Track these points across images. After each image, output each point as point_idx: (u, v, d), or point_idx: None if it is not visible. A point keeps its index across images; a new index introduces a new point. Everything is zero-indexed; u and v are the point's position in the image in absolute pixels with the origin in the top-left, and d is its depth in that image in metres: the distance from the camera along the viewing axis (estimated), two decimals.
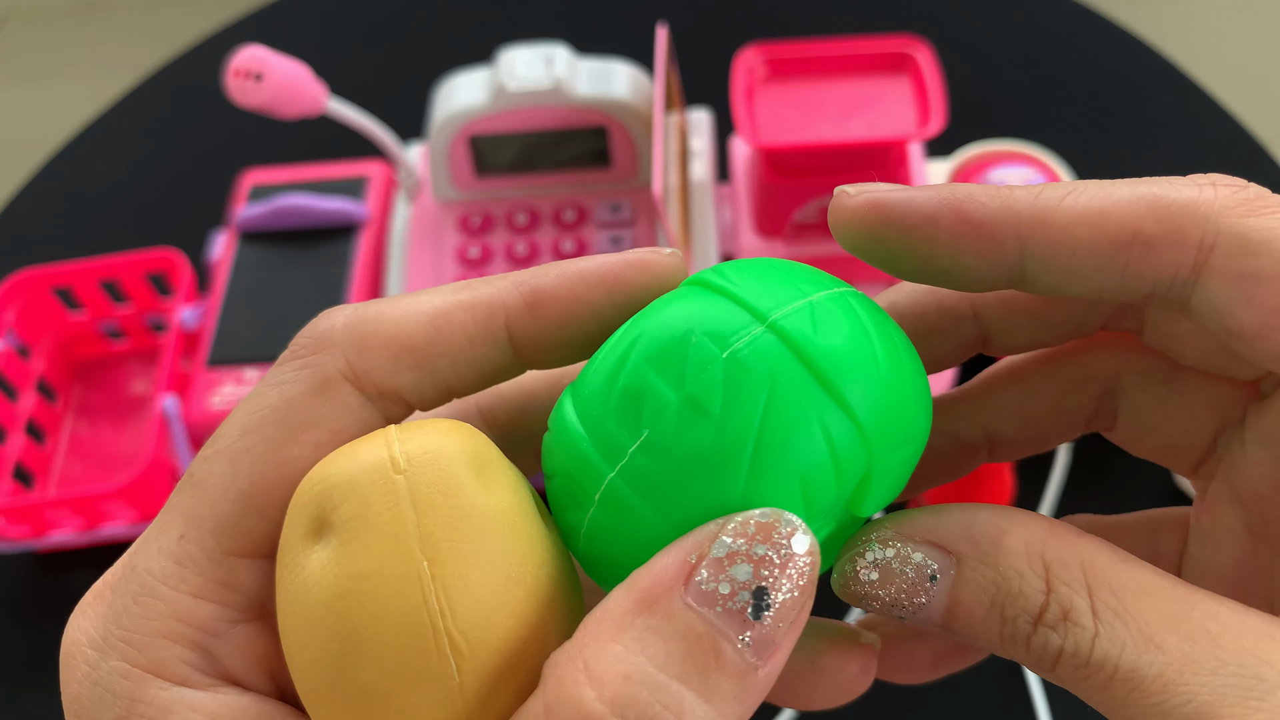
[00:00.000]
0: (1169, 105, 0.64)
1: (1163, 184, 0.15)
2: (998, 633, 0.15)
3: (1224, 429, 0.18)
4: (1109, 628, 0.14)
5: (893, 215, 0.16)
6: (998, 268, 0.15)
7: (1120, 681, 0.13)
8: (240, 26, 0.78)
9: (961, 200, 0.15)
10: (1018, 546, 0.15)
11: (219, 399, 0.50)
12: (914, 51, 0.50)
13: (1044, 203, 0.15)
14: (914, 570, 0.15)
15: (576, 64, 0.51)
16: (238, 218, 0.56)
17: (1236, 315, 0.14)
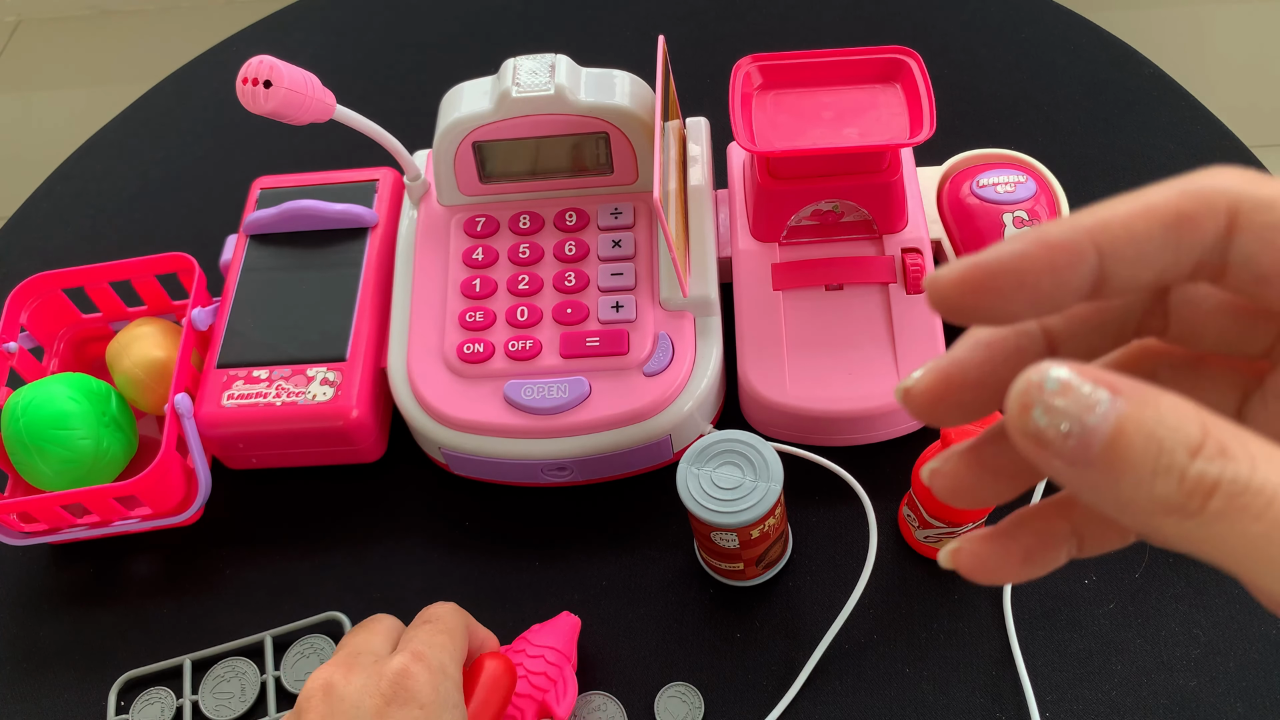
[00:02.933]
0: (1157, 112, 0.65)
1: (1181, 180, 0.18)
2: (1152, 464, 0.16)
3: (1245, 399, 0.21)
4: (1265, 463, 0.16)
5: (994, 269, 0.19)
6: (1085, 274, 0.18)
7: (1274, 514, 0.15)
8: (250, 35, 0.79)
9: (1041, 234, 0.19)
10: (1178, 401, 0.16)
11: (229, 398, 0.51)
12: (906, 61, 0.51)
13: (1101, 215, 0.18)
14: (1090, 389, 0.16)
15: (578, 72, 0.53)
16: (249, 222, 0.58)
17: (1263, 259, 0.18)
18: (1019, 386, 0.17)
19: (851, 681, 0.46)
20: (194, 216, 0.67)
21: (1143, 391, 0.16)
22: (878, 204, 0.52)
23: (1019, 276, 0.18)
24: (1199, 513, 0.15)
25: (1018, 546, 0.21)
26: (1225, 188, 0.18)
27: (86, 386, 0.52)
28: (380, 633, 0.39)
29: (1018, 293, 0.18)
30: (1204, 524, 0.16)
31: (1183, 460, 0.16)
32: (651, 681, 0.47)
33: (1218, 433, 0.16)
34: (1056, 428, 0.16)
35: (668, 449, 0.51)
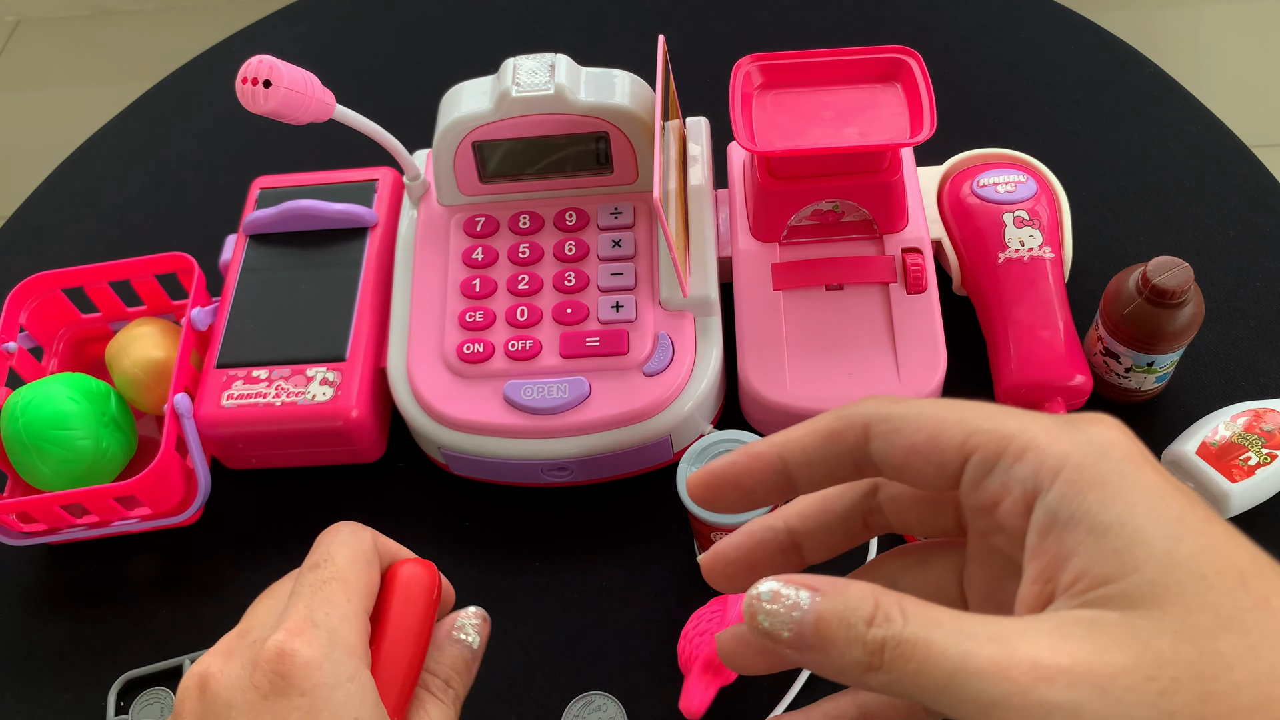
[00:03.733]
0: (1157, 112, 0.65)
1: (847, 407, 0.25)
2: (846, 637, 0.21)
3: (962, 571, 0.27)
4: (913, 621, 0.21)
5: (717, 474, 0.26)
6: (776, 474, 0.26)
7: (922, 648, 0.20)
8: (249, 35, 0.79)
9: (747, 448, 0.26)
10: (857, 586, 0.22)
11: (229, 398, 0.51)
12: (906, 61, 0.51)
13: (786, 436, 0.26)
14: (794, 593, 0.22)
15: (578, 72, 0.53)
16: (248, 221, 0.58)
17: (890, 455, 0.24)
18: (746, 600, 0.22)
19: None
20: (194, 216, 0.67)
21: (833, 584, 0.22)
22: (878, 204, 0.52)
23: (733, 478, 0.26)
24: (881, 666, 0.21)
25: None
26: (862, 411, 0.25)
27: (86, 387, 0.52)
28: (282, 595, 0.34)
29: (733, 489, 0.26)
30: (886, 673, 0.21)
31: (863, 630, 0.21)
32: (651, 682, 0.47)
33: (885, 604, 0.21)
34: (777, 627, 0.22)
35: (668, 449, 0.51)
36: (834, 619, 0.21)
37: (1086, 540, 0.21)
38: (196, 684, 0.31)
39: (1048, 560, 0.21)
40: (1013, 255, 0.53)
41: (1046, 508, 0.22)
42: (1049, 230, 0.54)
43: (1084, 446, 0.22)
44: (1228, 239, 0.59)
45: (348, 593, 0.33)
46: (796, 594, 0.22)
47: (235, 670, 0.31)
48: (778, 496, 0.26)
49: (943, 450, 0.23)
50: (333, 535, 0.34)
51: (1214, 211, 0.60)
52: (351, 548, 0.34)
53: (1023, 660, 0.20)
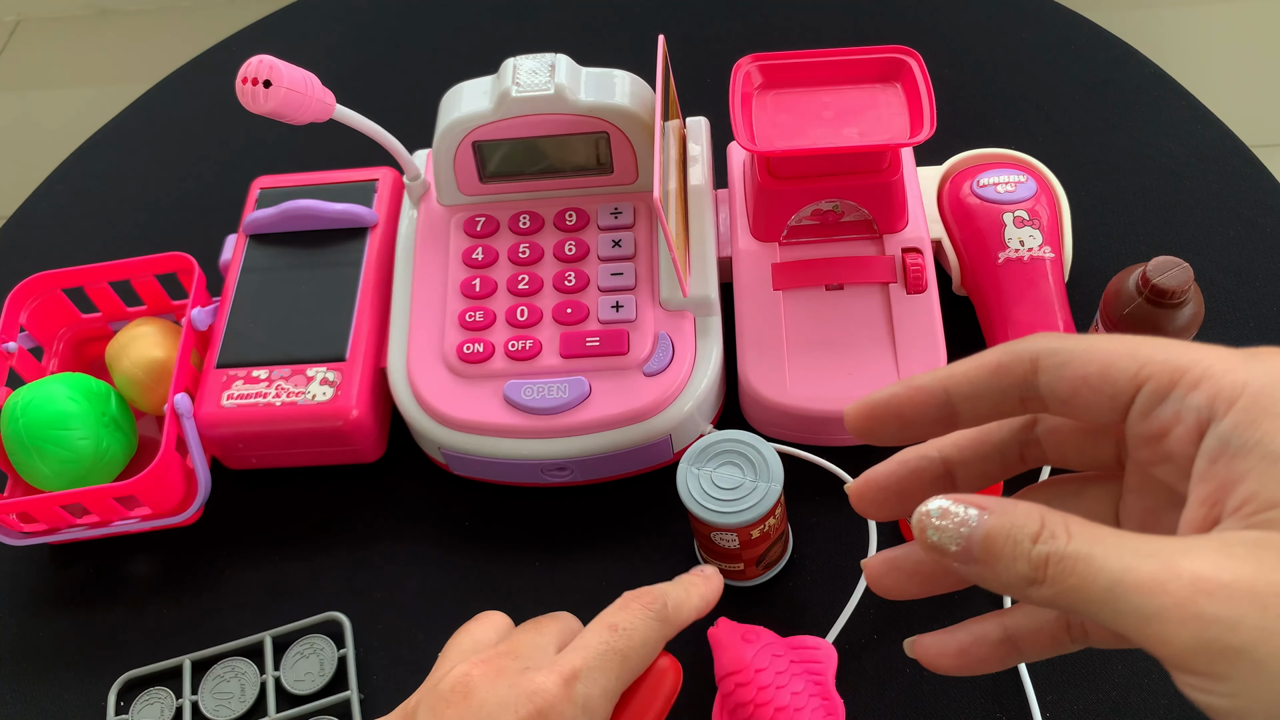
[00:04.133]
0: (1158, 112, 0.65)
1: (1010, 343, 0.25)
2: (1012, 552, 0.22)
3: (1119, 502, 0.27)
4: (1076, 538, 0.21)
5: (878, 405, 0.27)
6: (938, 408, 0.26)
7: (1083, 564, 0.21)
8: (249, 34, 0.79)
9: (910, 381, 0.26)
10: (1024, 506, 0.22)
11: (229, 398, 0.51)
12: (906, 61, 0.51)
13: (950, 367, 0.26)
14: (962, 511, 0.23)
15: (578, 72, 0.53)
16: (248, 221, 0.58)
17: (1060, 389, 0.24)
18: (916, 516, 0.23)
19: (852, 682, 0.46)
20: (194, 216, 0.67)
21: (1001, 504, 0.22)
22: (878, 204, 0.52)
23: (895, 409, 0.26)
24: (1045, 580, 0.21)
25: (954, 643, 0.29)
26: (1030, 345, 0.25)
27: (86, 387, 0.52)
28: (550, 633, 0.36)
29: (895, 420, 0.26)
30: (1049, 586, 0.21)
31: (1028, 546, 0.22)
32: None
33: (1050, 522, 0.22)
34: (945, 541, 0.22)
35: (668, 449, 0.51)
36: (1001, 535, 0.22)
37: (1259, 466, 0.21)
38: (462, 689, 0.33)
39: (1216, 485, 0.22)
40: (1012, 255, 0.53)
41: (1219, 435, 0.21)
42: (1049, 230, 0.54)
43: (1262, 377, 0.22)
44: (1228, 239, 0.59)
45: (622, 669, 0.35)
46: (965, 511, 0.22)
47: (503, 690, 0.33)
48: (939, 430, 0.26)
49: (1115, 381, 0.23)
50: (639, 604, 0.36)
51: (1214, 211, 0.60)
52: (651, 629, 0.36)
53: (1182, 574, 0.20)
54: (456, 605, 0.49)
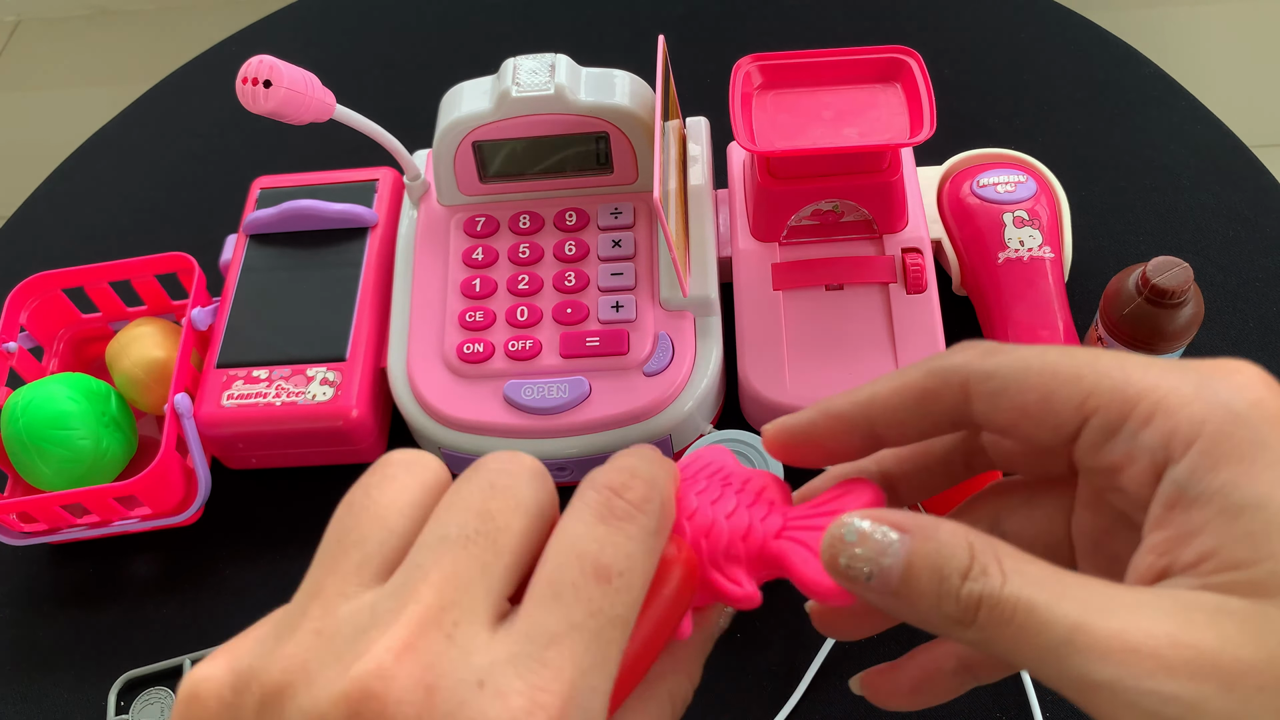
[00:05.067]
0: (1157, 111, 0.65)
1: (934, 358, 0.23)
2: (937, 589, 0.19)
3: (1070, 514, 0.25)
4: (1013, 578, 0.19)
5: (794, 432, 0.24)
6: (860, 435, 0.24)
7: (1023, 612, 0.18)
8: (250, 35, 0.79)
9: (826, 407, 0.24)
10: (951, 529, 0.20)
11: (229, 398, 0.51)
12: (905, 61, 0.51)
13: (871, 391, 0.23)
14: (883, 536, 0.20)
15: (578, 72, 0.53)
16: (248, 221, 0.58)
17: (997, 418, 0.22)
18: (826, 540, 0.20)
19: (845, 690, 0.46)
20: (193, 216, 0.67)
21: (924, 526, 0.20)
22: (878, 204, 0.52)
23: (812, 438, 0.24)
24: (973, 623, 0.19)
25: (905, 678, 0.26)
26: (959, 366, 0.22)
27: (86, 387, 0.52)
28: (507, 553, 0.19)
29: (815, 449, 0.24)
30: (978, 631, 0.19)
31: (956, 584, 0.19)
32: None
33: (981, 556, 0.19)
34: (860, 570, 0.20)
35: (668, 449, 0.51)
36: (925, 567, 0.19)
37: (1217, 520, 0.19)
38: (193, 694, 0.19)
39: (1171, 534, 0.19)
40: (1012, 255, 0.53)
41: (1175, 481, 0.19)
42: (1049, 230, 0.54)
43: (1221, 411, 0.19)
44: (1228, 239, 0.59)
45: (623, 643, 0.19)
46: (884, 535, 0.20)
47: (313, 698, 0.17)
48: (866, 452, 0.24)
49: (1057, 413, 0.21)
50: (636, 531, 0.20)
51: (1214, 211, 0.60)
52: (652, 562, 0.21)
53: (1139, 641, 0.17)
54: None
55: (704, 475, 0.25)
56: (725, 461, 0.26)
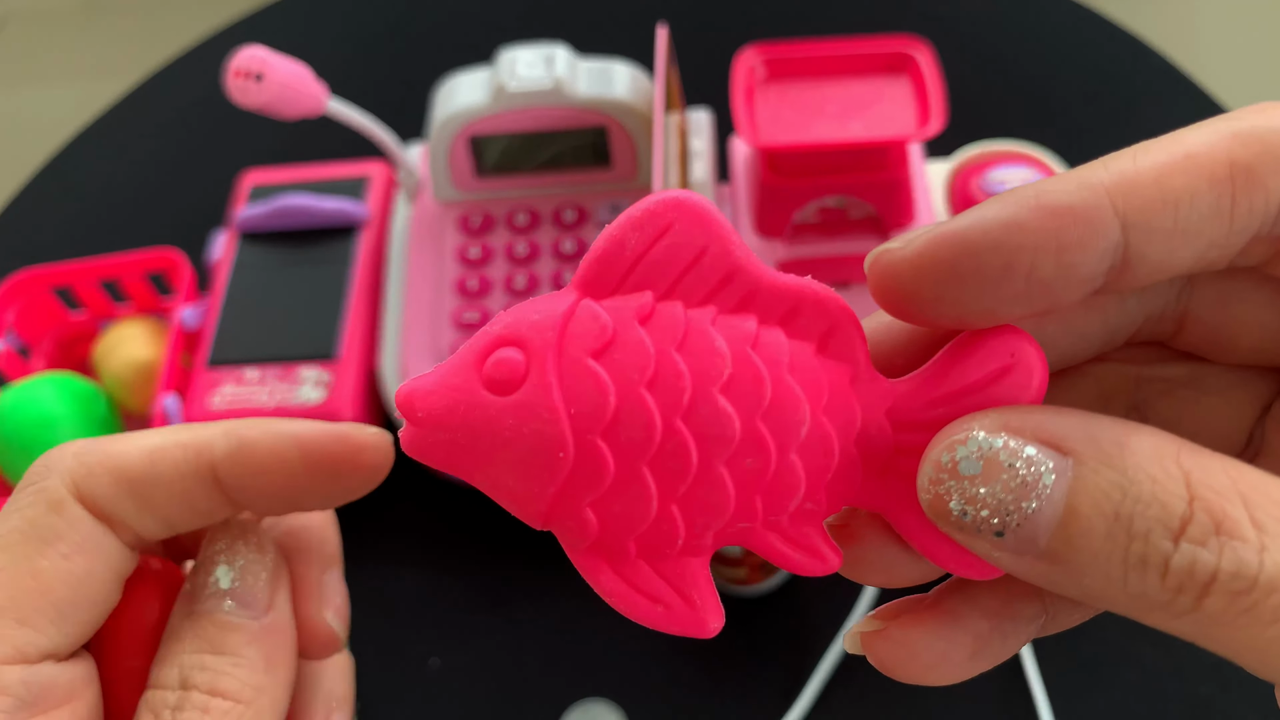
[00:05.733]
0: (1169, 105, 0.64)
1: (1230, 118, 0.14)
2: (1121, 555, 0.12)
3: (1260, 416, 0.16)
4: (1274, 540, 0.11)
5: (971, 243, 0.13)
6: (1102, 253, 0.13)
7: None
8: (241, 27, 0.78)
9: (1039, 195, 0.13)
10: (1148, 449, 0.12)
11: (219, 399, 0.50)
12: (914, 52, 0.50)
13: (1121, 169, 0.13)
14: (1025, 465, 0.12)
15: (576, 64, 0.51)
16: (238, 218, 0.56)
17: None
18: (929, 465, 0.13)
19: (859, 690, 0.45)
20: (182, 212, 0.66)
21: (1102, 446, 0.12)
22: (885, 200, 0.51)
23: (1009, 253, 0.13)
24: (1193, 610, 0.12)
25: (966, 635, 0.15)
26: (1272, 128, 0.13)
27: (73, 387, 0.51)
28: None
29: (1006, 278, 0.13)
30: (1200, 624, 0.12)
31: (1163, 546, 0.11)
32: (653, 691, 0.46)
33: (1212, 497, 0.11)
34: (988, 523, 0.12)
35: None
36: (1101, 515, 0.12)
37: None
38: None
39: None
40: None
41: None
42: None
43: None
44: None
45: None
46: (1031, 459, 0.12)
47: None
48: (1082, 292, 0.14)
49: None
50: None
51: None
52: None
53: None
54: (450, 608, 0.48)
55: (667, 278, 0.14)
56: (720, 244, 0.15)
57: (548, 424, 0.14)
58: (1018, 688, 0.44)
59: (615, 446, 0.13)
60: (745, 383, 0.13)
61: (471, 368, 0.15)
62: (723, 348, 0.14)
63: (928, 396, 0.14)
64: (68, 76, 1.69)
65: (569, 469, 0.14)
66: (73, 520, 0.19)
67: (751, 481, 0.13)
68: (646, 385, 0.13)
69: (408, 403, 0.15)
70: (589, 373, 0.14)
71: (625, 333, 0.14)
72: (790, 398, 0.14)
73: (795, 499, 0.14)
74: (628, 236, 0.15)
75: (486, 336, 0.15)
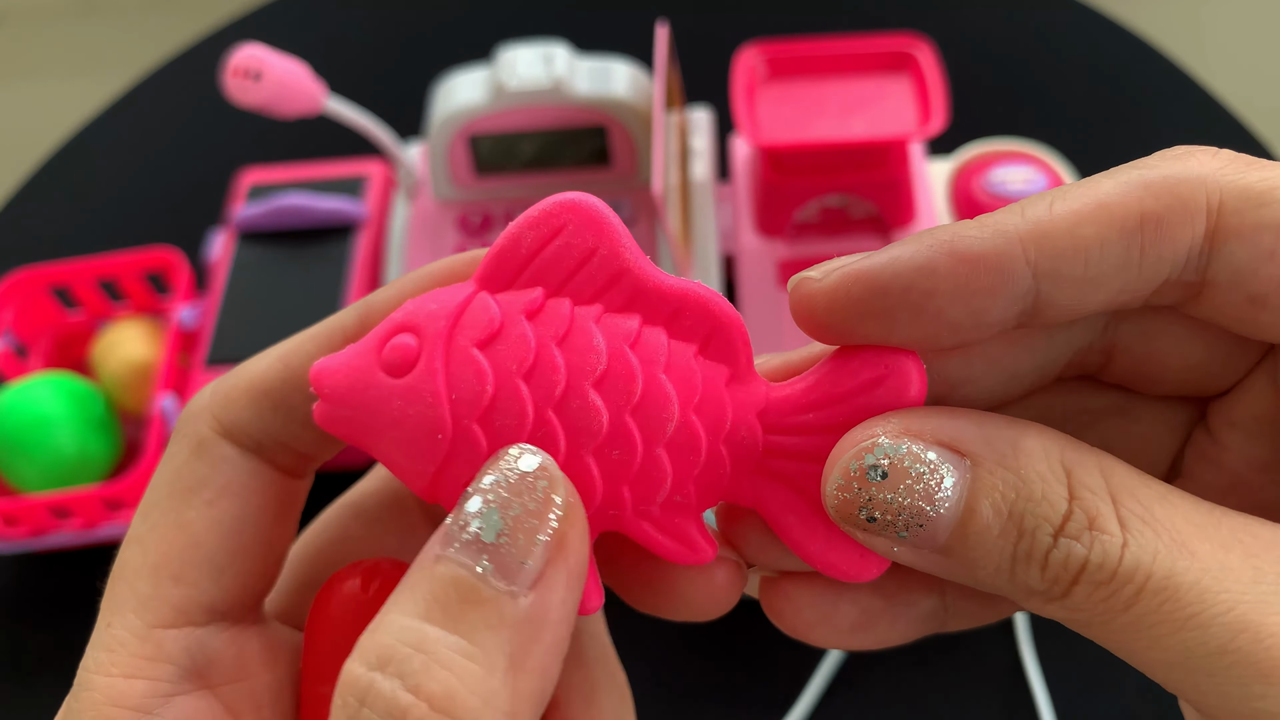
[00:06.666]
0: (1171, 104, 0.64)
1: (1143, 165, 0.14)
2: (1012, 550, 0.13)
3: (1184, 443, 0.17)
4: (1138, 535, 0.12)
5: (883, 281, 0.14)
6: (1011, 299, 0.14)
7: (1150, 593, 0.12)
8: (239, 25, 0.78)
9: (952, 240, 0.14)
10: (1037, 449, 0.13)
11: None
12: (915, 50, 0.50)
13: (1036, 217, 0.14)
14: (928, 469, 0.13)
15: (576, 63, 0.51)
16: (236, 217, 0.56)
17: (1261, 274, 0.13)
18: (837, 472, 0.13)
19: (863, 690, 0.45)
20: (180, 211, 0.66)
21: (997, 447, 0.13)
22: (886, 199, 0.51)
23: (918, 296, 0.14)
24: (1064, 597, 0.13)
25: (853, 607, 0.16)
26: (1203, 177, 0.13)
27: (71, 387, 0.51)
28: None
29: (914, 319, 0.14)
30: (1074, 610, 0.13)
31: (1045, 541, 0.13)
32: (651, 693, 0.46)
33: (1087, 495, 0.12)
34: (892, 525, 0.13)
35: None
36: (992, 514, 0.13)
37: None
38: None
39: None
40: None
41: None
42: None
43: None
44: None
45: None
46: (930, 462, 0.13)
47: None
48: (990, 332, 0.14)
49: None
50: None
51: None
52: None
53: None
54: None
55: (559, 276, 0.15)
56: (610, 246, 0.15)
57: (430, 408, 0.15)
58: (1019, 688, 0.44)
59: (490, 432, 0.15)
60: (618, 379, 0.14)
61: (373, 350, 0.16)
62: (600, 345, 0.15)
63: (801, 402, 0.15)
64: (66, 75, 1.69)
65: (447, 450, 0.15)
66: (216, 461, 0.17)
67: (618, 472, 0.15)
68: (524, 376, 0.14)
69: (317, 379, 0.16)
70: (472, 361, 0.15)
71: (511, 326, 0.15)
72: (660, 395, 0.14)
73: (663, 491, 0.15)
74: (524, 234, 0.16)
75: (390, 322, 0.16)
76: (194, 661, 0.17)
